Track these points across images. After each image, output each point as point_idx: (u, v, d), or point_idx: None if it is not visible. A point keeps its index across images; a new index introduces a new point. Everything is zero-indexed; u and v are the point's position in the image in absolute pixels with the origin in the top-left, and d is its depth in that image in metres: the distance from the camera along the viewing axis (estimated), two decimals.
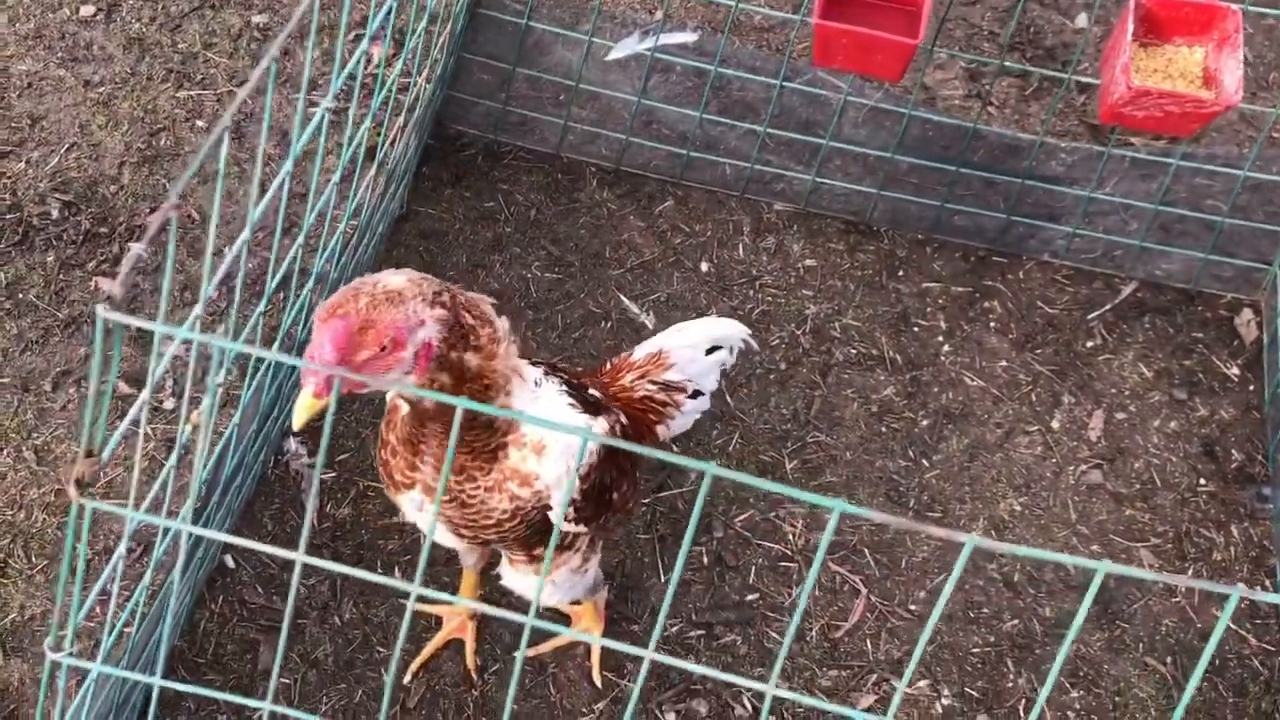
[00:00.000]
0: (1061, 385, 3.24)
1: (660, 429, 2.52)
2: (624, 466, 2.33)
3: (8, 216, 3.22)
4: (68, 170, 3.33)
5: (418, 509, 2.18)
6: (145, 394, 1.31)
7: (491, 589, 2.63)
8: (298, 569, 1.29)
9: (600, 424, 2.22)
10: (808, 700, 1.25)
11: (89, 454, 1.26)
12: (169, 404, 2.96)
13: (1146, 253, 3.39)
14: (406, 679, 2.64)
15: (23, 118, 3.41)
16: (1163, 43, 2.78)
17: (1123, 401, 3.23)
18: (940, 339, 3.29)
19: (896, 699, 1.18)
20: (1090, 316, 3.37)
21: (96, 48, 3.56)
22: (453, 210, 3.39)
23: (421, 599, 2.72)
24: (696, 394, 2.57)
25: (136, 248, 1.12)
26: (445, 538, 2.27)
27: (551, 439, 2.06)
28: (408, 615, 1.37)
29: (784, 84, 3.29)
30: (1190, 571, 2.95)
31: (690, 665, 1.20)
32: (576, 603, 2.63)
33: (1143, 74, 2.76)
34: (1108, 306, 3.39)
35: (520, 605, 2.49)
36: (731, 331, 2.62)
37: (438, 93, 3.29)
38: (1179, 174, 3.27)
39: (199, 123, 3.46)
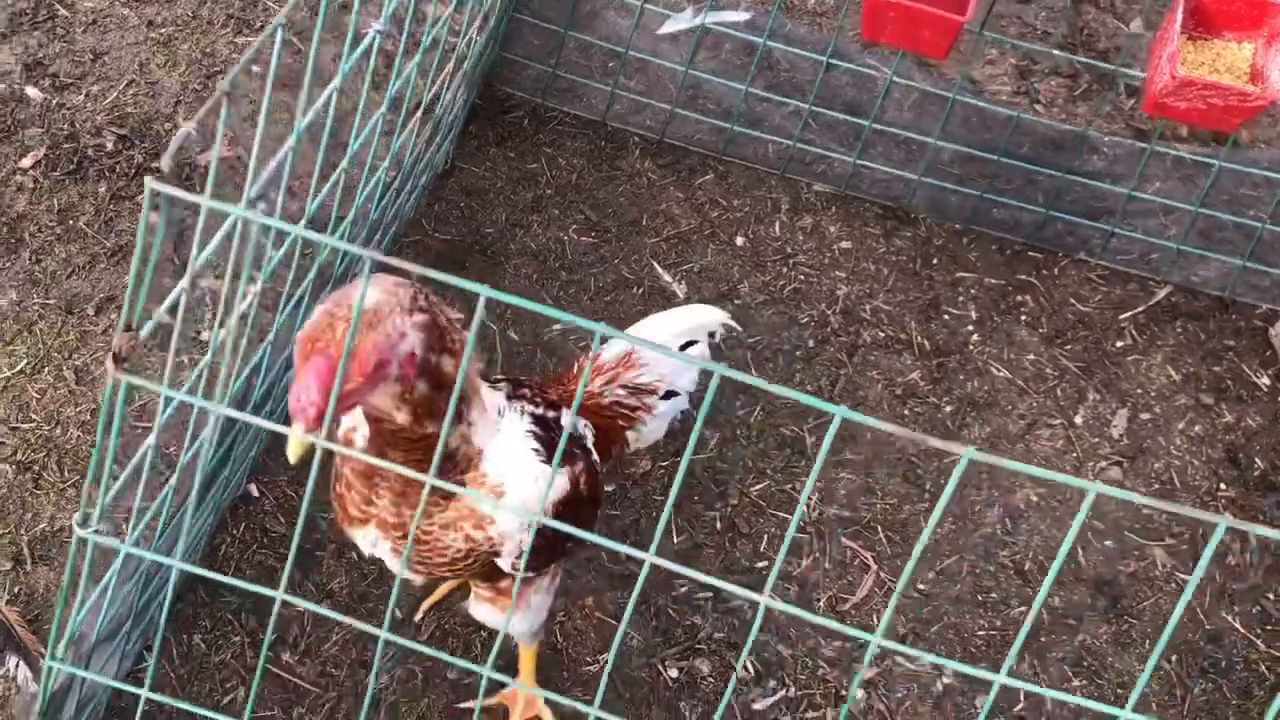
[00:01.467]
0: (1088, 382, 3.24)
1: (630, 435, 2.40)
2: (584, 516, 2.19)
3: (65, 146, 3.31)
4: (125, 106, 3.41)
5: (372, 545, 2.08)
6: (185, 281, 1.36)
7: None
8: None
9: (562, 478, 2.10)
10: (804, 614, 1.27)
11: (128, 328, 1.31)
12: (205, 335, 3.03)
13: (1184, 257, 3.38)
14: (417, 617, 2.69)
15: (85, 53, 3.50)
16: (1212, 38, 2.77)
17: (1148, 402, 3.22)
18: (970, 328, 3.30)
19: (894, 599, 1.20)
20: (1122, 317, 3.37)
21: None
22: (496, 170, 3.44)
23: None
24: (670, 394, 2.43)
25: (187, 125, 1.16)
26: (398, 569, 2.08)
27: (510, 486, 1.97)
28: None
29: (830, 61, 3.31)
30: (1204, 574, 2.94)
31: (691, 571, 1.23)
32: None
33: (1189, 67, 2.76)
34: (1140, 308, 3.39)
35: None
36: (705, 319, 2.46)
37: (489, 51, 3.34)
38: (1221, 179, 3.26)
39: (255, 69, 3.53)
